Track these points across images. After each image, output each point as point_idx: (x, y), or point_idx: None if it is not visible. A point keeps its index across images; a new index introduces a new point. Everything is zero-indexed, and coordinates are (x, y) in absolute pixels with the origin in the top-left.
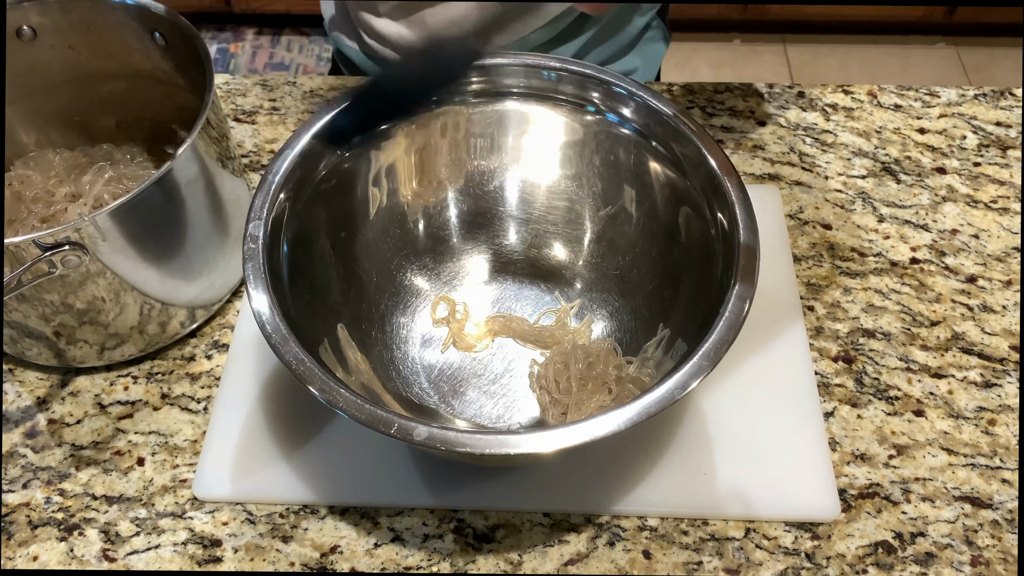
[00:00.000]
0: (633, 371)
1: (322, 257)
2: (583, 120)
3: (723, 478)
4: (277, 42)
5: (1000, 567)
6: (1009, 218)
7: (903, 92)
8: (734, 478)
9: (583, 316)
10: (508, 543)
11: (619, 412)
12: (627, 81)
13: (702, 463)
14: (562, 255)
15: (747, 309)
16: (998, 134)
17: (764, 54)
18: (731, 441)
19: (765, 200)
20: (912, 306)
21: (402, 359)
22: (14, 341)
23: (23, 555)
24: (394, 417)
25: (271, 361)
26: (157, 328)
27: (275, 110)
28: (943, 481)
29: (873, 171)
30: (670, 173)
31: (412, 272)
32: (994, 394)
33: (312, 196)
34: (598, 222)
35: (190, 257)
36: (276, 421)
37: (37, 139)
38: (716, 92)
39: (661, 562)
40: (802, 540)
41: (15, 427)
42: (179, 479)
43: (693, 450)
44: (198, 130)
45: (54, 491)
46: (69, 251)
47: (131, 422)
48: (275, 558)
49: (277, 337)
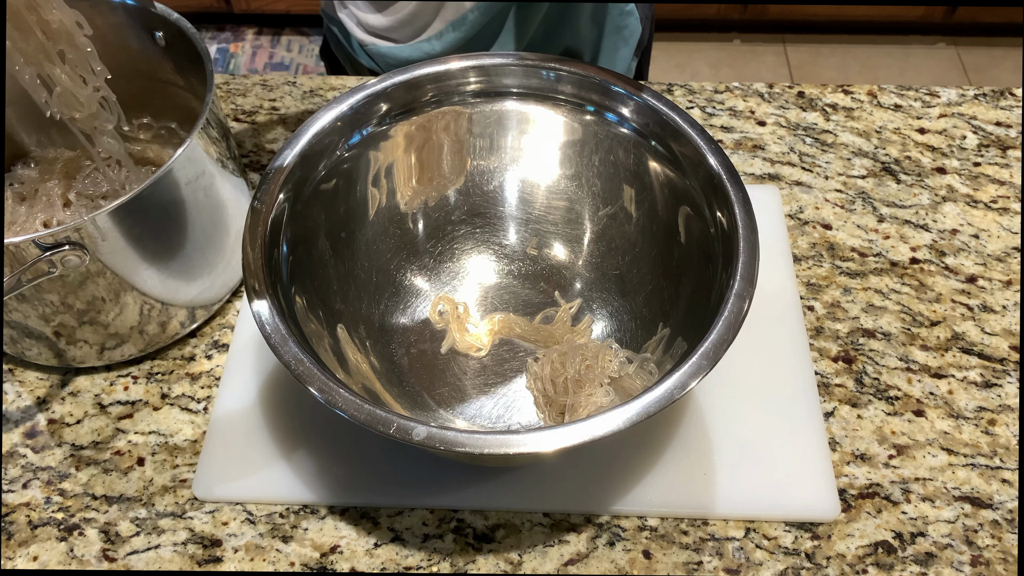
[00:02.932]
0: (632, 371)
1: (322, 257)
2: (583, 120)
3: (723, 478)
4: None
5: (1000, 567)
6: (1009, 218)
7: (903, 92)
8: (734, 478)
9: (583, 316)
10: (508, 543)
11: (619, 411)
12: (627, 81)
13: (702, 463)
14: (562, 255)
15: (746, 309)
16: (998, 134)
17: (764, 54)
18: (731, 441)
19: (765, 200)
20: (912, 306)
21: (401, 359)
22: (14, 341)
23: (23, 555)
24: (393, 417)
25: (271, 361)
26: (157, 328)
27: (275, 110)
28: (943, 481)
29: (873, 171)
30: (670, 173)
31: (412, 272)
32: (994, 394)
33: (312, 196)
34: (598, 222)
35: (190, 257)
36: (276, 421)
37: (38, 139)
38: (716, 92)
39: (661, 562)
40: (802, 540)
41: (15, 427)
42: (179, 479)
43: (693, 450)
44: (198, 130)
45: (54, 491)
46: (69, 251)
47: (131, 422)
48: (275, 558)
49: (277, 337)
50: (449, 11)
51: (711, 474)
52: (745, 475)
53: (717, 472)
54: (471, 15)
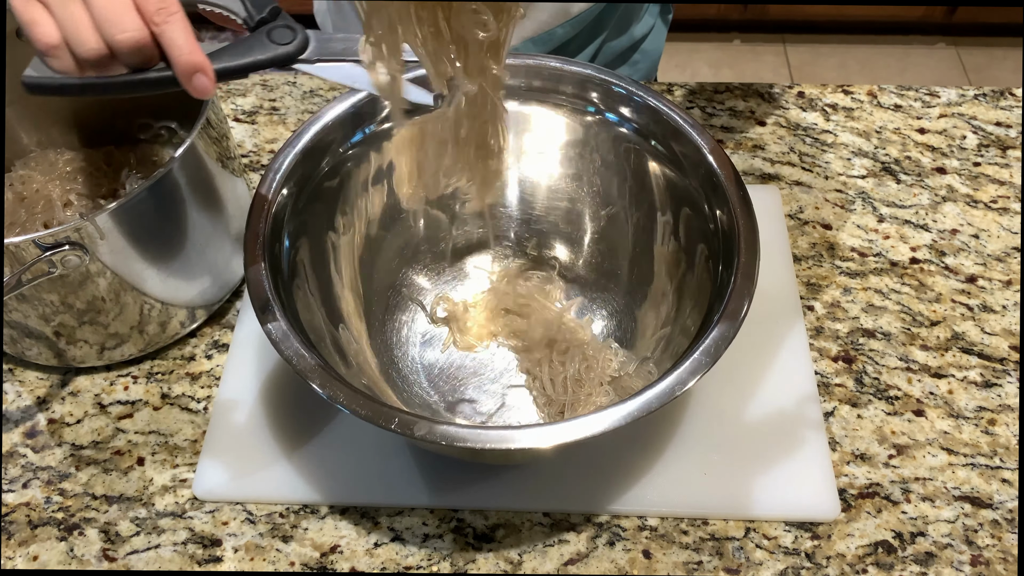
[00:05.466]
0: (632, 370)
1: (323, 256)
2: (583, 120)
3: (723, 478)
4: None
5: (1000, 567)
6: (1009, 218)
7: (903, 92)
8: (734, 478)
9: (583, 316)
10: (508, 543)
11: (619, 407)
12: (627, 81)
13: (702, 463)
14: (562, 255)
15: (747, 307)
16: (998, 134)
17: (764, 54)
18: (731, 441)
19: (765, 200)
20: (912, 306)
21: (402, 358)
22: (14, 341)
23: (23, 555)
24: (395, 412)
25: (271, 361)
26: (157, 328)
27: (275, 110)
28: (943, 481)
29: (873, 171)
30: (670, 173)
31: (412, 272)
32: (994, 394)
33: (313, 195)
34: (598, 222)
35: (190, 257)
36: (276, 421)
37: (38, 139)
38: (716, 92)
39: (661, 562)
40: (802, 540)
41: (15, 427)
42: (179, 479)
43: (693, 450)
44: (198, 130)
45: (54, 491)
46: (69, 251)
47: (131, 422)
48: (275, 558)
49: (278, 334)
50: (527, 28)
51: (711, 474)
52: (745, 475)
53: (717, 472)
54: (559, 30)
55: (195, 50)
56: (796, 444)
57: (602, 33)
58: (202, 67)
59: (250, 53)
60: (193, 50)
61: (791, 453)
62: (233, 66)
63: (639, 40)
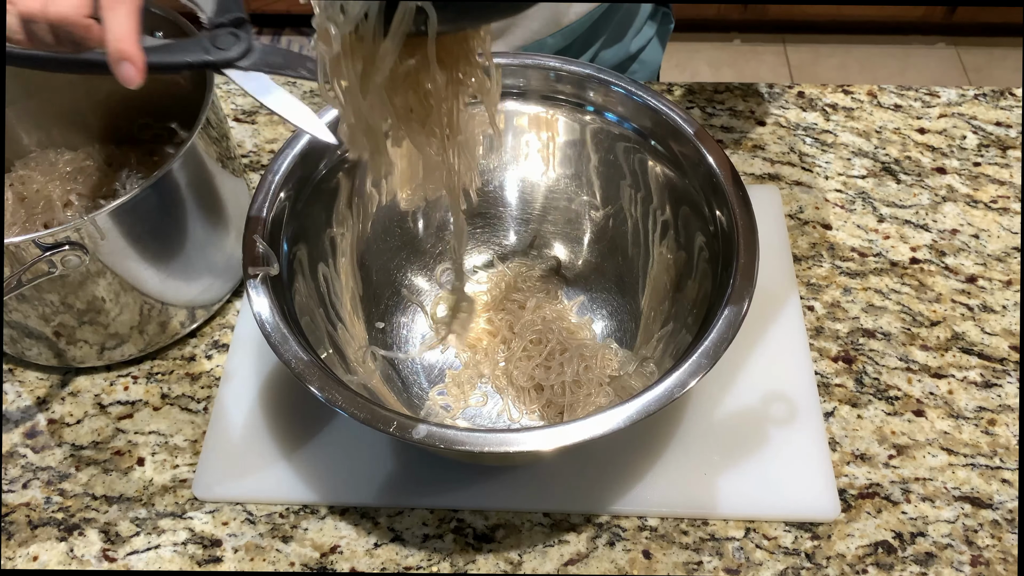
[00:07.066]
0: (632, 370)
1: (322, 256)
2: (583, 120)
3: (723, 478)
4: (277, 42)
5: (1000, 567)
6: (1009, 218)
7: (903, 92)
8: (734, 478)
9: (583, 315)
10: (508, 543)
11: (619, 410)
12: (627, 81)
13: (702, 463)
14: (562, 255)
15: (746, 308)
16: (998, 134)
17: (764, 54)
18: (731, 441)
19: (765, 200)
20: (912, 306)
21: (402, 359)
22: (14, 341)
23: (23, 555)
24: (393, 415)
25: (271, 361)
26: (157, 328)
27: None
28: (943, 481)
29: (873, 171)
30: (669, 172)
31: (412, 272)
32: (994, 394)
33: (312, 195)
34: (598, 222)
35: (190, 257)
36: (276, 421)
37: (38, 139)
38: (716, 92)
39: (661, 562)
40: (802, 540)
41: (15, 427)
42: (179, 479)
43: (693, 450)
44: (198, 130)
45: (54, 491)
46: (69, 251)
47: (131, 422)
48: (275, 558)
49: (277, 336)
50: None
51: (711, 474)
52: (745, 475)
53: (717, 472)
54: (550, 40)
55: (129, 39)
56: (796, 444)
57: (595, 43)
58: (130, 56)
59: (185, 53)
60: (126, 38)
61: (791, 453)
62: (163, 62)
63: (636, 53)
